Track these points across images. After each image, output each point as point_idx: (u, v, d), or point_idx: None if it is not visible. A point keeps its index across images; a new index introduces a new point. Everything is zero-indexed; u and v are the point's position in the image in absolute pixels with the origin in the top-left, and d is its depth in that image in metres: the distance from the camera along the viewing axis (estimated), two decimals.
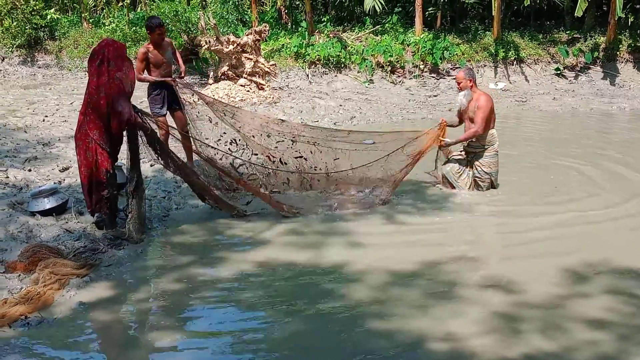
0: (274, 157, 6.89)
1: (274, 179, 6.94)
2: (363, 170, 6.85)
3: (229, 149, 7.08)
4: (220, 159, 6.71)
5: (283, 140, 6.83)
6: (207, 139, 6.90)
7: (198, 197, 6.46)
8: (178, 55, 7.78)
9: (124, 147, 5.68)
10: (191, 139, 6.78)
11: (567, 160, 8.81)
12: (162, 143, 6.05)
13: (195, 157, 7.07)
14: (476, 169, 6.97)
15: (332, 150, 6.88)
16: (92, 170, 5.44)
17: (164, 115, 7.33)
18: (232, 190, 6.74)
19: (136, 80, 5.83)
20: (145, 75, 7.30)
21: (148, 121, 5.64)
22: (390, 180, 6.74)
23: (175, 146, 6.70)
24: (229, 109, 6.75)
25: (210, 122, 7.02)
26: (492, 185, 7.03)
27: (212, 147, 6.56)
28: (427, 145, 6.82)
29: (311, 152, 6.90)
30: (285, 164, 6.89)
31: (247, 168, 7.02)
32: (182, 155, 6.77)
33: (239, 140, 7.09)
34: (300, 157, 6.87)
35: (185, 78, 7.86)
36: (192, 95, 7.13)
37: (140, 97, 8.44)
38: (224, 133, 7.20)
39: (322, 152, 6.89)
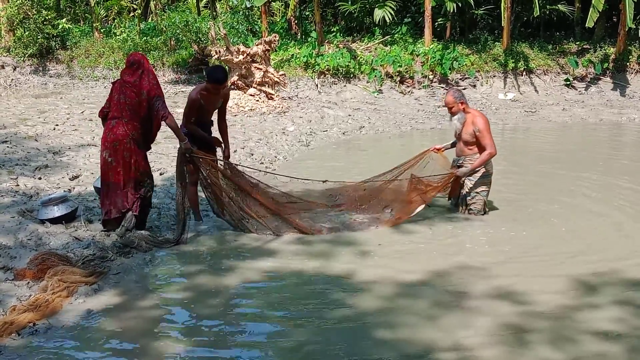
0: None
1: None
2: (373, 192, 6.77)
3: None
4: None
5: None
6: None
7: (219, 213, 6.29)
8: (225, 106, 6.44)
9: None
10: (237, 167, 6.38)
11: (576, 173, 8.78)
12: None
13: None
14: (467, 190, 6.56)
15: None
16: (129, 170, 5.62)
17: None
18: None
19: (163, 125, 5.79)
20: (196, 128, 6.12)
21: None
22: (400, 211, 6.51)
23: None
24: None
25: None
26: (484, 209, 6.60)
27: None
28: (444, 183, 6.49)
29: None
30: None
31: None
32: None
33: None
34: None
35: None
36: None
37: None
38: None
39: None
